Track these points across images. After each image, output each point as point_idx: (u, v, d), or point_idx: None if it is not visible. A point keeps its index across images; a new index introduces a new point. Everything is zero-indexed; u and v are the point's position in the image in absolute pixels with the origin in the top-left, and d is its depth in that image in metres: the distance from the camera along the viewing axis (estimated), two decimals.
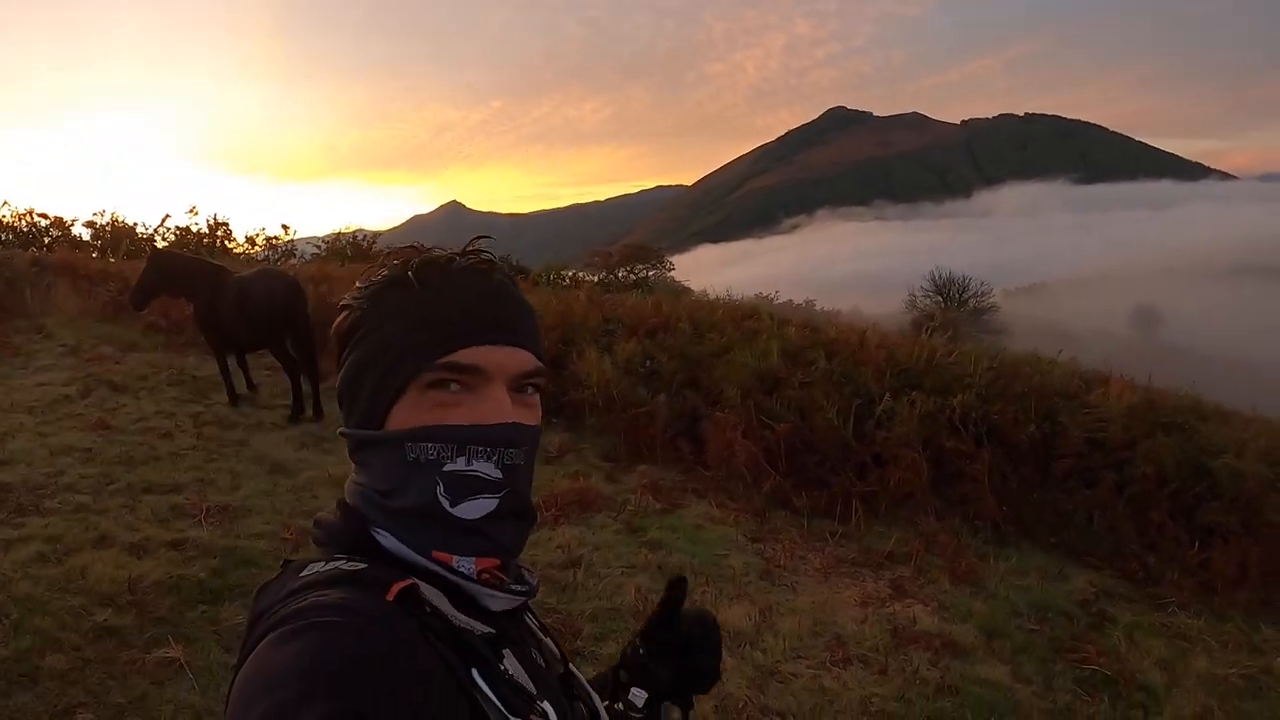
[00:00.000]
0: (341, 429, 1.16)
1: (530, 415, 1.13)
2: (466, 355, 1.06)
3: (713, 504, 7.58)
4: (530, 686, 1.03)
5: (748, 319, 11.12)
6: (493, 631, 1.04)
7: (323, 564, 1.00)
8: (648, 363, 9.72)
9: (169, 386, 10.31)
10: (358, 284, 1.15)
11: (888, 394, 8.22)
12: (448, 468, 1.04)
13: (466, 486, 1.05)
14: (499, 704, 0.94)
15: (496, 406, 1.07)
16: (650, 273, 34.53)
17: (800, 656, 5.18)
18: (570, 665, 1.27)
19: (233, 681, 0.85)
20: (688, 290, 22.70)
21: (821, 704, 4.66)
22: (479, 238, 1.19)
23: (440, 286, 1.09)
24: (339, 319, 1.15)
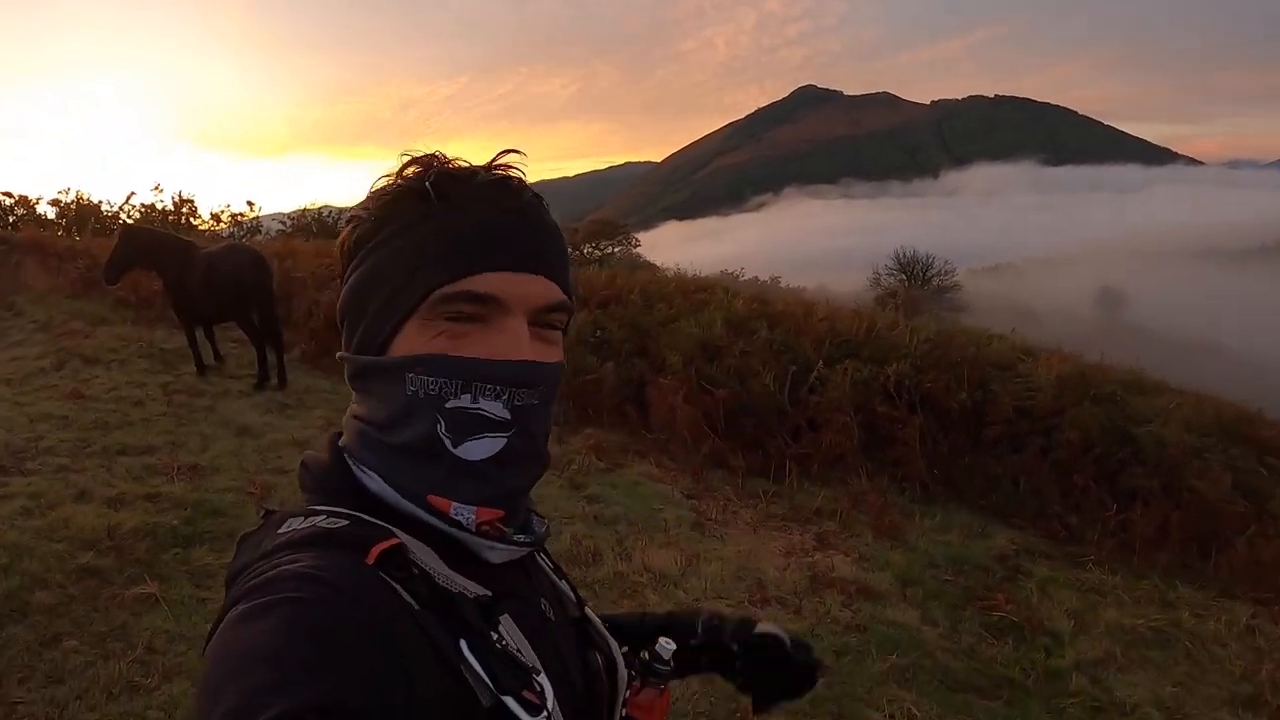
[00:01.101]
0: (340, 353, 1.07)
1: (550, 352, 1.03)
2: (483, 281, 0.97)
3: (654, 464, 8.03)
4: (527, 657, 0.94)
5: (699, 292, 11.56)
6: (488, 595, 0.95)
7: (301, 519, 0.94)
8: (598, 332, 10.14)
9: (139, 358, 10.61)
10: (369, 191, 1.05)
11: (820, 362, 8.71)
12: (450, 404, 0.96)
13: (470, 425, 0.97)
14: (488, 681, 0.86)
15: (512, 341, 0.97)
16: (615, 249, 34.75)
17: (721, 597, 5.60)
18: (586, 609, 1.22)
19: (205, 648, 0.81)
20: (650, 266, 23.04)
21: None
22: (508, 151, 1.04)
23: (460, 202, 0.99)
24: (345, 232, 1.06)
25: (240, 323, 9.83)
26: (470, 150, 1.01)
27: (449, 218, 0.98)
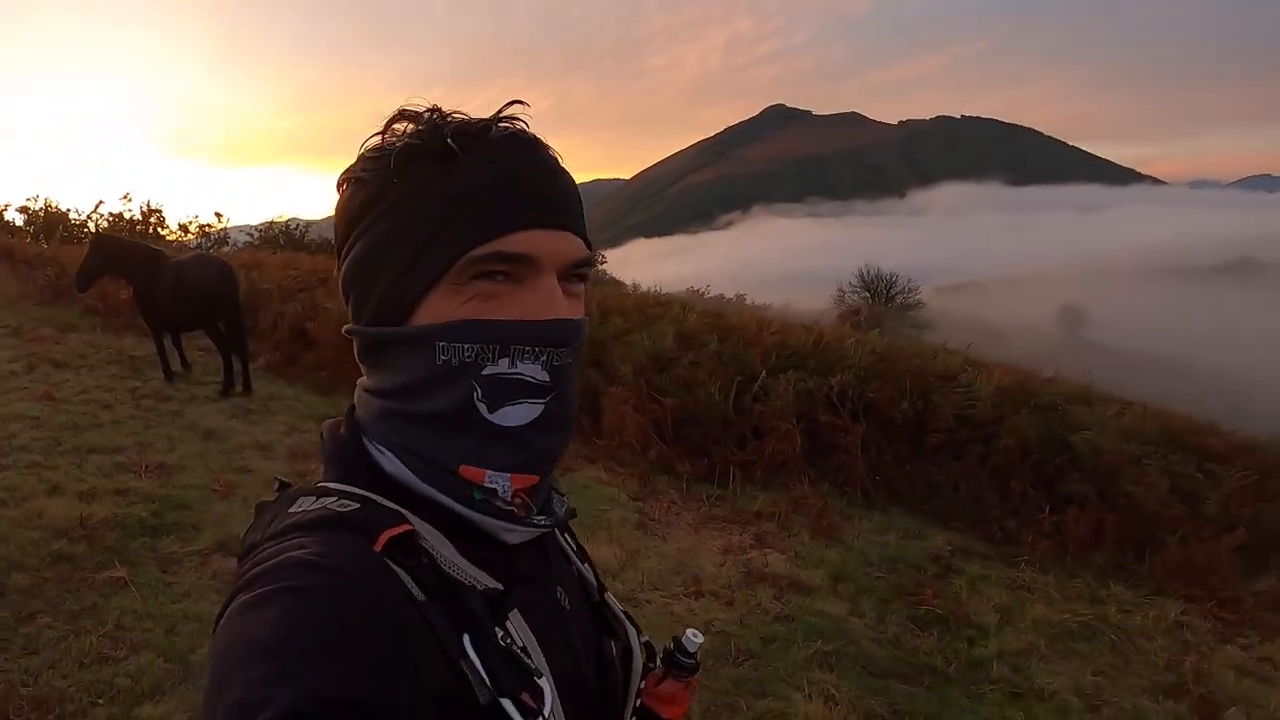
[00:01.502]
0: (348, 326, 1.02)
1: (578, 308, 1.00)
2: (516, 241, 0.92)
3: (603, 469, 8.38)
4: (533, 656, 0.91)
5: (655, 307, 11.93)
6: (498, 588, 0.92)
7: (313, 499, 0.91)
8: None
9: (108, 364, 10.82)
10: (363, 153, 0.98)
11: (764, 372, 9.11)
12: (488, 370, 0.93)
13: (508, 390, 0.94)
14: (486, 680, 0.84)
15: (548, 300, 0.94)
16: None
17: (657, 589, 5.94)
18: (606, 595, 1.18)
19: (214, 629, 0.81)
20: (616, 282, 23.26)
21: (668, 624, 5.39)
22: (513, 102, 0.99)
23: (483, 157, 0.94)
24: (344, 195, 1.00)
25: (207, 331, 10.05)
26: None
27: (470, 175, 0.93)
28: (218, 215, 24.80)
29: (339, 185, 1.01)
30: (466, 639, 0.85)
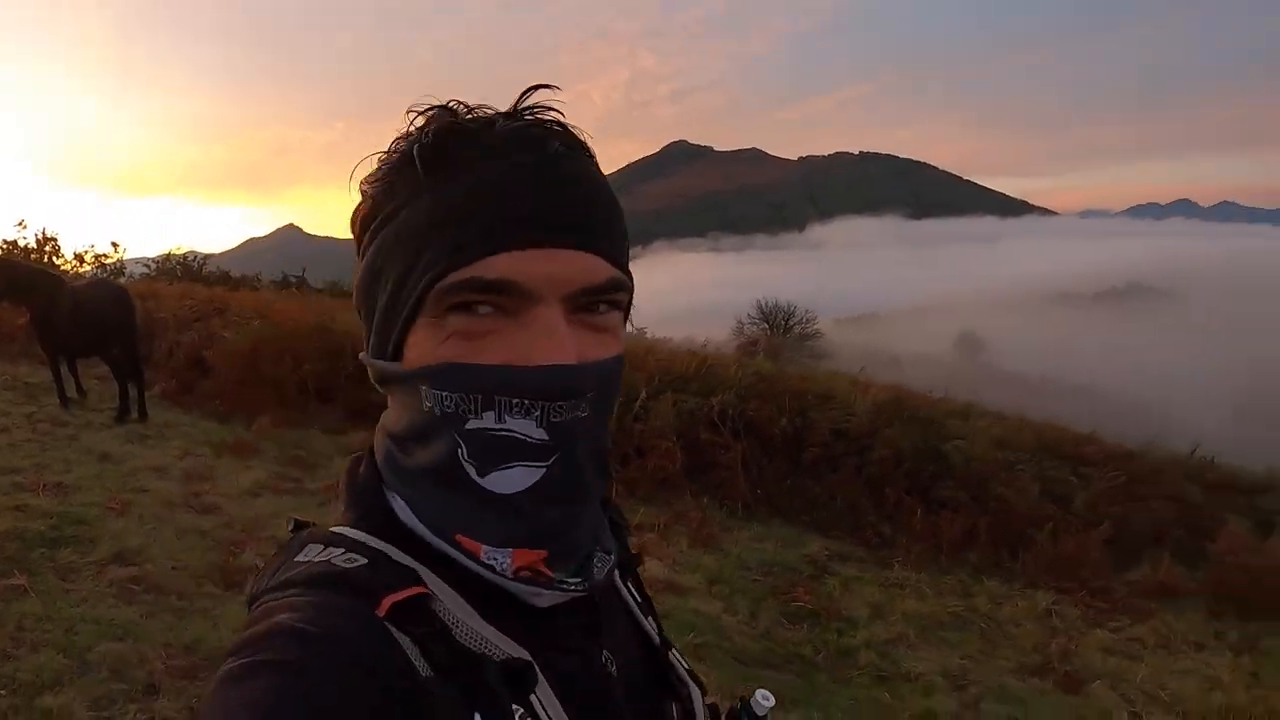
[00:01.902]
0: (361, 353, 0.92)
1: (603, 344, 0.83)
2: (496, 265, 0.76)
3: None
4: None
5: None
6: (522, 658, 0.79)
7: (321, 548, 0.81)
8: None
9: (3, 390, 10.85)
10: (379, 157, 0.86)
11: (644, 393, 9.54)
12: (471, 425, 0.78)
13: (497, 451, 0.78)
14: None
15: (545, 338, 0.77)
16: None
17: None
18: (671, 653, 1.02)
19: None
20: None
21: None
22: (537, 87, 0.84)
23: (465, 163, 0.79)
24: (355, 211, 0.89)
25: (104, 358, 10.11)
26: (346, 198, 0.87)
27: (447, 187, 0.79)
28: (114, 245, 24.51)
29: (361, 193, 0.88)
30: (477, 719, 0.74)
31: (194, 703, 4.27)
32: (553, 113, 0.83)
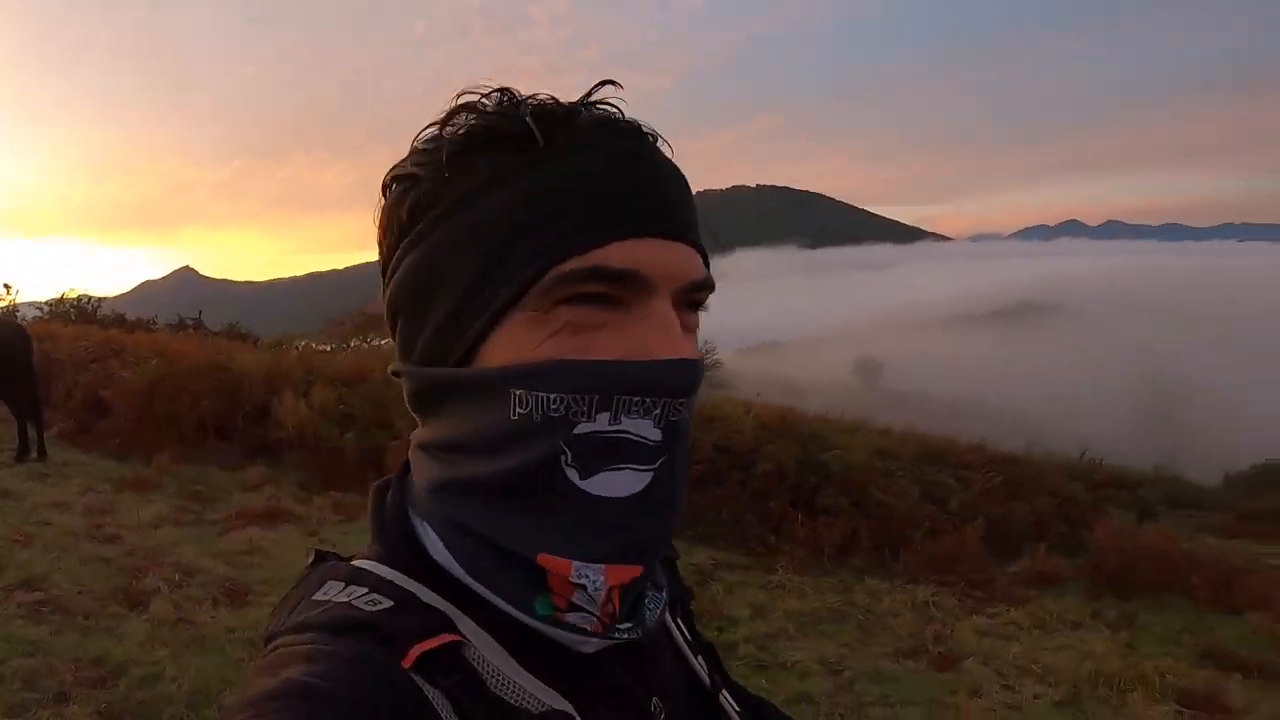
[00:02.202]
0: (394, 366, 0.80)
1: (691, 343, 0.76)
2: (621, 252, 0.69)
3: None
4: None
5: None
6: (565, 711, 0.71)
7: (342, 586, 0.72)
8: (341, 407, 11.03)
9: None
10: (416, 144, 0.76)
11: None
12: (582, 428, 0.69)
13: (609, 453, 0.69)
14: None
15: (664, 331, 0.70)
16: (384, 341, 34.60)
17: None
18: (723, 695, 0.94)
19: None
20: None
21: None
22: (605, 83, 0.76)
23: (569, 147, 0.72)
24: (389, 199, 0.77)
25: (3, 396, 9.99)
26: (243, 239, 0.71)
27: (556, 167, 0.71)
28: (6, 287, 23.98)
29: (384, 187, 0.78)
30: None
31: (104, 707, 4.46)
32: (614, 106, 0.76)
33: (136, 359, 13.10)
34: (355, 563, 0.76)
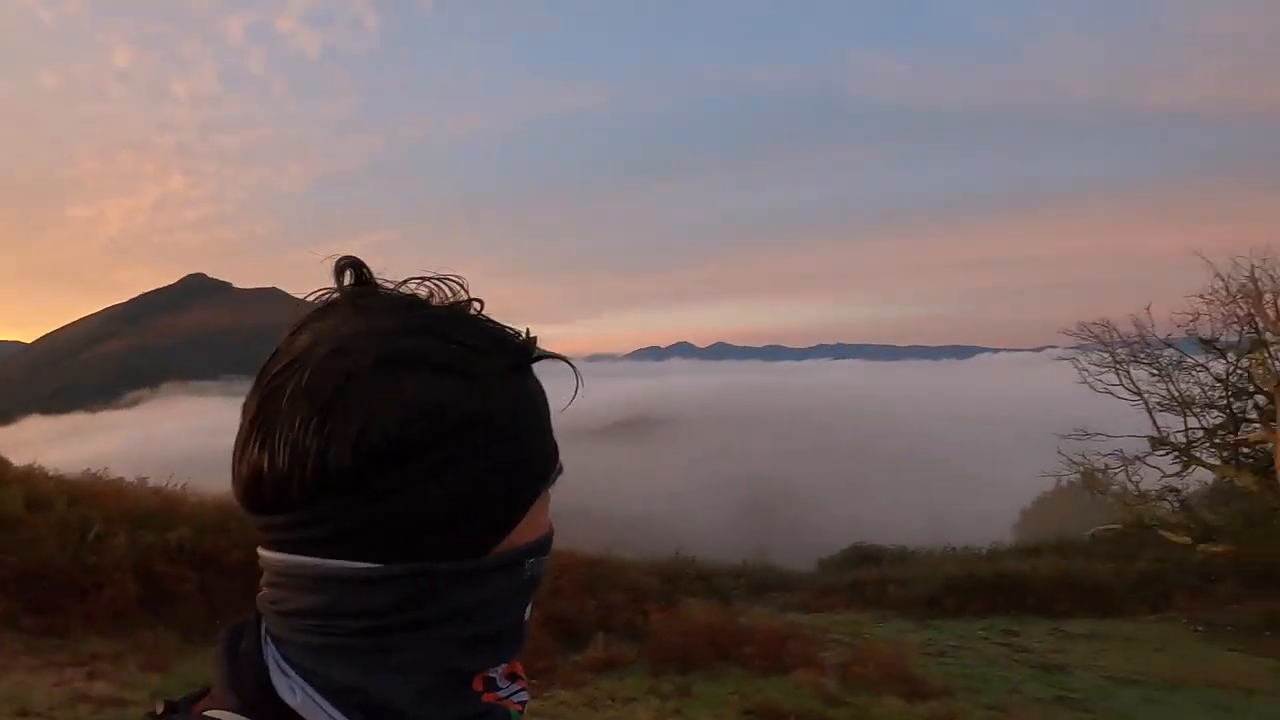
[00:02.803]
0: (418, 565, 0.77)
1: None
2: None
3: None
4: None
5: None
6: None
7: None
8: None
9: None
10: (464, 343, 0.81)
11: (97, 528, 10.17)
12: (541, 574, 0.88)
13: (534, 589, 0.88)
14: None
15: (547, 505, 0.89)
16: None
17: None
18: None
19: None
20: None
21: None
22: (472, 300, 0.88)
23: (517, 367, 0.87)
24: (419, 391, 0.76)
25: None
26: None
27: (524, 383, 0.86)
28: None
29: (400, 408, 0.75)
30: None
31: None
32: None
33: None
34: (206, 713, 0.77)
